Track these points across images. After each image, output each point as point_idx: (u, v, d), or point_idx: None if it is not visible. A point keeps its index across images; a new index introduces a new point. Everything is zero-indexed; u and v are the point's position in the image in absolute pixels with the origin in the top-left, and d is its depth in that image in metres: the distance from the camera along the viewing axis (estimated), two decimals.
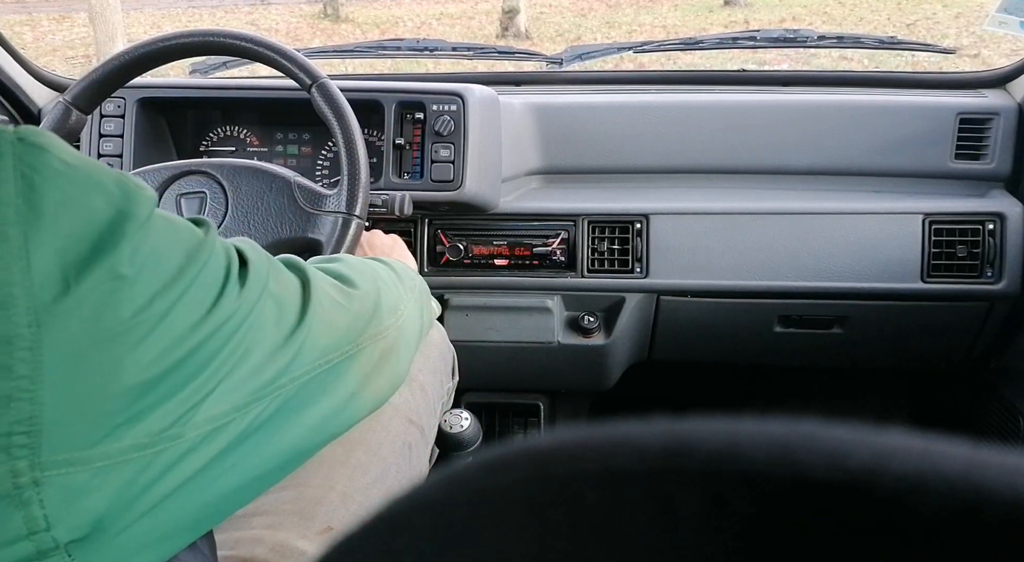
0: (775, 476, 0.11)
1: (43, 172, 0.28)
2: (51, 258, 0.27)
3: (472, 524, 0.14)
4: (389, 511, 0.16)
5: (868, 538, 0.11)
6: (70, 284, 0.28)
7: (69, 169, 0.29)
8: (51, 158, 0.29)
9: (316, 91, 0.77)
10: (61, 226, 0.28)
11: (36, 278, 0.27)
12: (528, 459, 0.13)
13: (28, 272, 0.26)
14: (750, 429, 0.12)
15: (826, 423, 0.12)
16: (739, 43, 1.17)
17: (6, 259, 0.26)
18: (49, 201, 0.28)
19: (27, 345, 0.26)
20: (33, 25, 5.54)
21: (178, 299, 0.32)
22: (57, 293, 0.27)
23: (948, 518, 0.10)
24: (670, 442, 0.12)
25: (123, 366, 0.29)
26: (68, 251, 0.28)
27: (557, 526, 0.13)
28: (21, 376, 0.26)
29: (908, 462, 0.10)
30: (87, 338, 0.28)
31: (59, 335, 0.27)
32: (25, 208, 0.27)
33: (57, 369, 0.27)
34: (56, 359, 0.27)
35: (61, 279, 0.27)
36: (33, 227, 0.27)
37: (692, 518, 0.12)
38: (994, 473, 0.10)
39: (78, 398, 0.27)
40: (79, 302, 0.28)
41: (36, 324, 0.26)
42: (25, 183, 0.27)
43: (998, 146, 1.00)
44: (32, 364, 0.26)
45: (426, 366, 0.78)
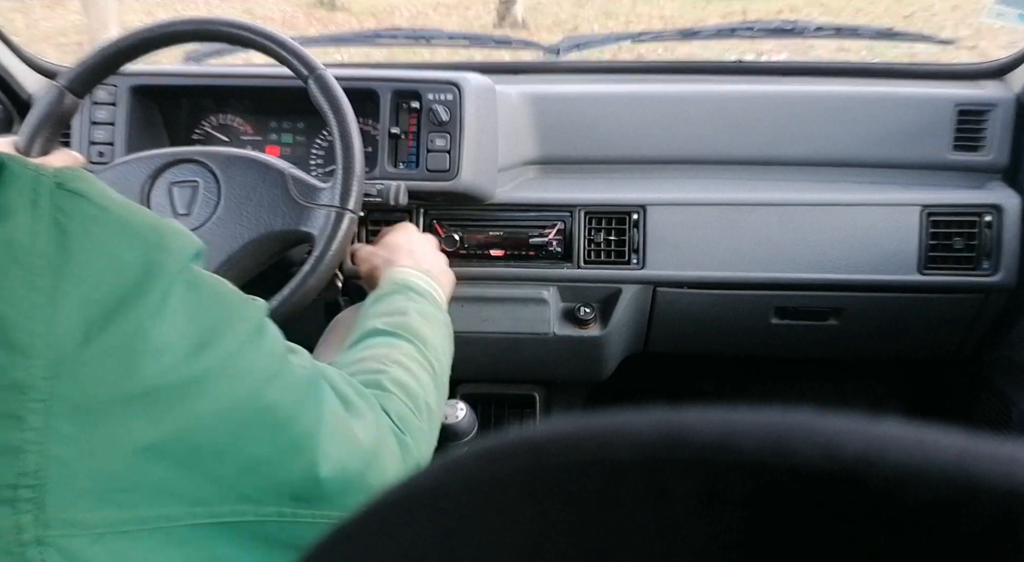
0: (770, 465, 0.11)
1: (78, 219, 0.28)
2: (77, 309, 0.27)
3: (469, 513, 0.14)
4: (386, 500, 0.16)
5: (862, 527, 0.11)
6: (92, 337, 0.27)
7: (104, 215, 0.29)
8: (88, 205, 0.28)
9: (313, 82, 0.76)
10: (90, 276, 0.27)
11: (59, 329, 0.26)
12: (524, 449, 0.13)
13: (52, 322, 0.26)
14: (745, 419, 0.12)
15: (821, 413, 0.12)
16: (737, 33, 1.16)
17: (32, 309, 0.26)
18: (80, 250, 0.27)
19: (41, 397, 0.26)
20: (25, 11, 5.48)
21: (207, 369, 0.30)
22: (78, 345, 0.26)
23: (942, 507, 0.10)
24: (666, 432, 0.12)
25: (136, 430, 0.28)
26: (94, 303, 0.27)
27: (553, 515, 0.13)
28: (32, 428, 0.26)
29: (902, 451, 0.11)
30: (103, 395, 0.27)
31: (75, 389, 0.26)
32: (56, 257, 0.27)
33: (69, 423, 0.26)
34: (69, 413, 0.26)
35: (84, 331, 0.27)
36: (62, 276, 0.26)
37: (687, 507, 0.12)
38: (987, 462, 0.10)
39: (87, 456, 0.27)
40: (99, 356, 0.27)
41: (53, 376, 0.26)
42: (59, 231, 0.27)
43: (996, 138, 1.00)
44: (44, 416, 0.26)
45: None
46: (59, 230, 0.27)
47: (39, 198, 0.27)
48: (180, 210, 0.77)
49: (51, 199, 0.27)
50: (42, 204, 0.27)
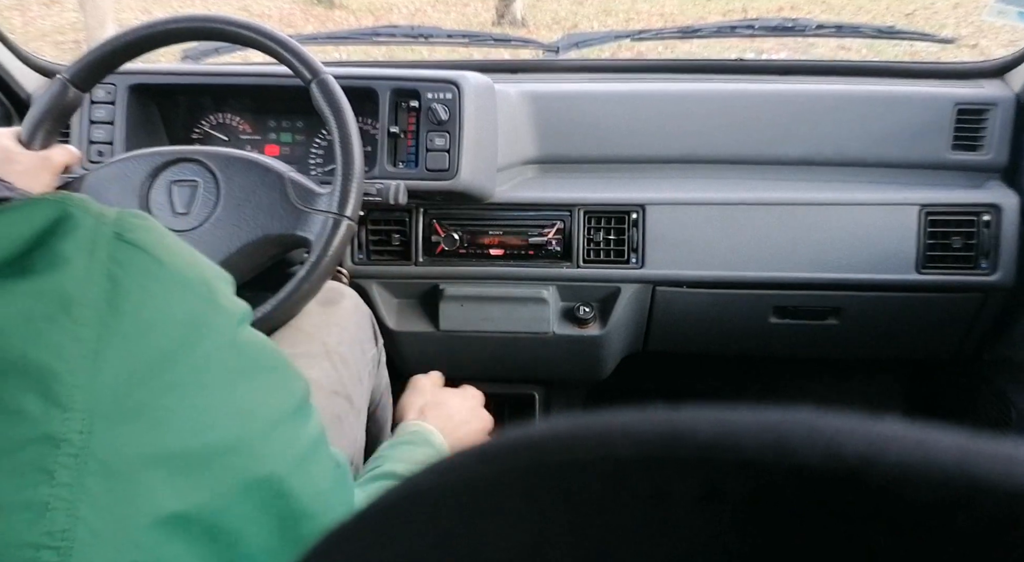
0: (770, 465, 0.11)
1: (132, 273, 0.27)
2: (120, 364, 0.26)
3: (468, 513, 0.14)
4: (385, 501, 0.16)
5: (862, 526, 0.11)
6: (132, 393, 0.26)
7: (159, 269, 0.28)
8: (144, 258, 0.28)
9: (316, 86, 0.76)
10: (137, 331, 0.27)
11: (100, 383, 0.25)
12: (523, 448, 0.13)
13: (93, 376, 0.25)
14: (745, 418, 0.12)
15: (821, 412, 0.12)
16: (737, 31, 1.16)
17: (74, 360, 0.25)
18: (131, 304, 0.27)
19: (74, 451, 0.25)
20: (22, 9, 5.47)
21: (239, 439, 0.29)
22: (116, 400, 0.26)
23: (942, 507, 0.10)
24: (665, 430, 0.12)
25: (161, 495, 0.27)
26: (139, 358, 0.26)
27: (552, 514, 0.13)
28: (63, 483, 0.24)
29: (902, 451, 0.11)
30: (134, 454, 0.26)
31: (108, 446, 0.25)
32: (106, 311, 0.26)
33: (99, 483, 0.25)
34: (99, 471, 0.25)
35: (125, 386, 0.26)
36: (109, 330, 0.26)
37: (687, 506, 0.12)
38: (988, 462, 0.10)
39: (113, 521, 0.25)
40: (136, 413, 0.26)
41: (88, 431, 0.25)
42: (111, 283, 0.26)
43: (995, 137, 1.00)
44: (76, 472, 0.24)
45: (343, 336, 0.77)
46: (112, 282, 0.27)
47: (96, 249, 0.27)
48: (179, 209, 0.77)
49: (108, 250, 0.27)
50: (99, 255, 0.27)
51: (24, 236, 0.25)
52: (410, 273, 1.01)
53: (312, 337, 0.76)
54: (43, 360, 0.24)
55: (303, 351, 0.73)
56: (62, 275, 0.25)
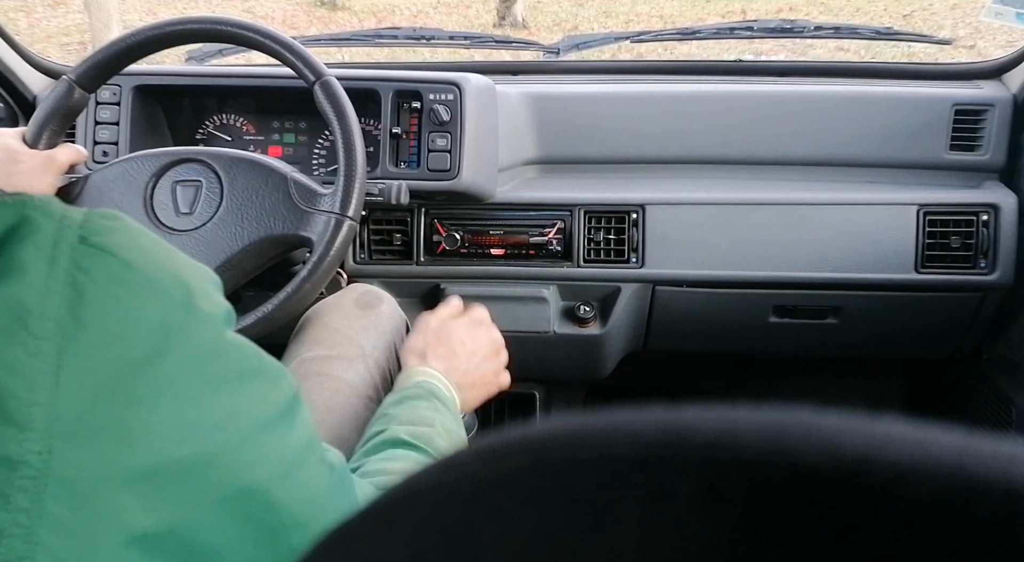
0: (769, 463, 0.11)
1: (97, 279, 0.25)
2: (83, 378, 0.24)
3: (469, 511, 0.14)
4: (386, 499, 0.16)
5: (862, 525, 0.11)
6: (96, 408, 0.24)
7: (128, 274, 0.26)
8: (111, 261, 0.26)
9: (319, 88, 0.76)
10: (102, 342, 0.25)
11: (61, 400, 0.24)
12: (524, 447, 0.14)
13: (54, 393, 0.24)
14: (745, 417, 0.12)
15: (820, 411, 0.12)
16: (736, 33, 1.16)
17: (34, 377, 0.23)
18: (95, 313, 0.25)
19: (33, 473, 0.23)
20: (28, 11, 5.46)
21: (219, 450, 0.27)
22: (78, 418, 0.24)
23: (941, 506, 0.10)
24: (665, 430, 0.12)
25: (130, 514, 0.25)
26: (104, 372, 0.25)
27: (553, 513, 0.13)
28: (20, 508, 0.23)
29: (901, 450, 0.11)
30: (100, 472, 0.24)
31: (70, 466, 0.24)
32: (68, 321, 0.24)
33: (61, 505, 0.23)
34: (61, 493, 0.23)
35: (89, 402, 0.24)
36: (71, 342, 0.24)
37: (687, 505, 0.12)
38: (986, 461, 0.10)
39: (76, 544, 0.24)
40: (102, 429, 0.24)
41: (48, 451, 0.23)
42: (74, 292, 0.24)
43: (993, 137, 1.01)
44: (34, 496, 0.23)
45: (379, 341, 0.77)
46: (75, 291, 0.25)
47: (58, 254, 0.25)
48: (183, 209, 0.77)
49: (71, 255, 0.25)
50: (60, 262, 0.25)
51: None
52: (411, 273, 1.02)
53: (350, 340, 0.75)
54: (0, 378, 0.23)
55: (339, 353, 0.73)
56: (18, 285, 0.24)
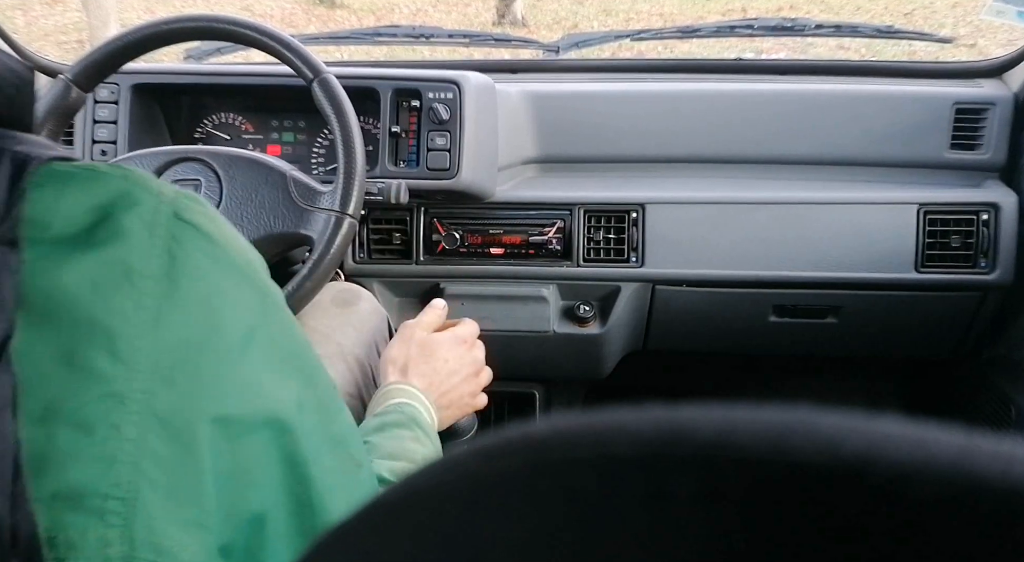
0: (769, 463, 0.11)
1: (189, 250, 0.29)
2: (177, 331, 0.28)
3: (468, 511, 0.14)
4: (385, 499, 0.16)
5: (862, 525, 0.11)
6: (188, 358, 0.28)
7: (215, 249, 0.30)
8: (201, 238, 0.30)
9: (317, 86, 0.76)
10: (192, 304, 0.29)
11: (160, 347, 0.27)
12: (523, 446, 0.14)
13: (155, 340, 0.27)
14: (745, 416, 0.12)
15: (821, 411, 0.12)
16: (736, 31, 1.16)
17: (139, 325, 0.27)
18: (188, 279, 0.29)
19: (139, 409, 0.26)
20: (25, 9, 5.46)
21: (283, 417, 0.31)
22: (174, 365, 0.27)
23: (942, 505, 0.10)
24: (665, 429, 0.12)
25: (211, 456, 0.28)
26: (193, 329, 0.28)
27: (553, 513, 0.13)
28: (128, 438, 0.26)
29: (902, 449, 0.11)
30: (192, 417, 0.28)
31: (167, 406, 0.27)
32: (165, 282, 0.28)
33: (159, 441, 0.27)
34: (160, 430, 0.27)
35: (182, 352, 0.28)
36: (168, 300, 0.28)
37: (687, 504, 0.12)
38: (987, 461, 0.10)
39: (172, 478, 0.27)
40: (192, 378, 0.28)
41: (150, 391, 0.27)
42: (170, 258, 0.28)
43: (993, 136, 1.01)
44: (140, 429, 0.26)
45: (359, 339, 0.77)
46: (170, 258, 0.28)
47: (156, 225, 0.28)
48: None
49: (167, 227, 0.29)
50: (158, 232, 0.28)
51: (90, 210, 0.27)
52: (411, 272, 1.02)
53: (328, 338, 0.75)
54: (110, 323, 0.26)
55: (318, 352, 0.73)
56: (125, 247, 0.27)
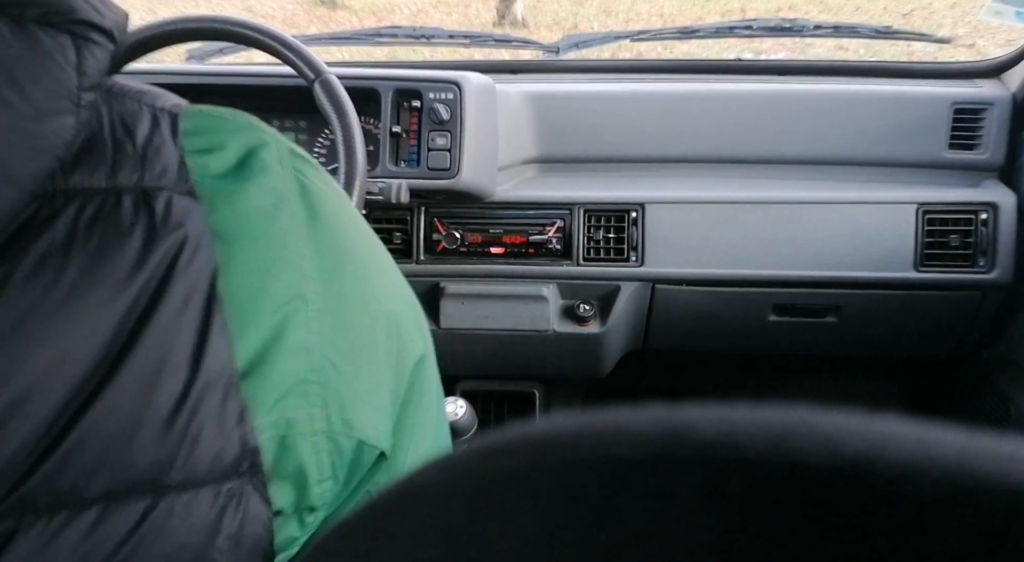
0: (770, 463, 0.11)
1: (311, 178, 0.33)
2: (323, 242, 0.31)
3: (468, 511, 0.14)
4: (385, 497, 0.16)
5: (863, 524, 0.11)
6: (339, 263, 0.32)
7: (324, 177, 0.34)
8: (312, 168, 0.34)
9: (319, 86, 0.76)
10: (327, 221, 0.32)
11: (318, 254, 0.31)
12: (523, 445, 0.14)
13: (314, 249, 0.31)
14: (745, 416, 0.12)
15: (821, 410, 0.12)
16: (736, 32, 1.16)
17: (301, 239, 0.30)
18: (320, 202, 0.32)
19: (317, 306, 0.30)
20: None
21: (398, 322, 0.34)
22: (330, 269, 0.31)
23: (942, 504, 0.10)
24: (665, 429, 0.12)
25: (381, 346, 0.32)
26: (335, 239, 0.32)
27: (553, 512, 0.13)
28: (315, 332, 0.29)
29: (902, 449, 0.11)
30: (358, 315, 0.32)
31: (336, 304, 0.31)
32: (304, 207, 0.31)
33: (335, 333, 0.30)
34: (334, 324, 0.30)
35: (333, 258, 0.31)
36: (312, 222, 0.31)
37: (687, 504, 0.12)
38: (988, 460, 0.10)
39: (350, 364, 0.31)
40: (347, 278, 0.32)
41: (322, 292, 0.30)
42: (301, 187, 0.32)
43: (992, 136, 1.01)
44: (318, 323, 0.29)
45: None
46: (300, 184, 0.32)
47: (283, 159, 0.32)
48: None
49: (291, 160, 0.33)
50: (286, 164, 0.32)
51: (236, 151, 0.31)
52: (411, 271, 1.02)
53: None
54: (283, 238, 0.30)
55: None
56: (272, 177, 0.31)
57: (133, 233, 0.27)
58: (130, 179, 0.28)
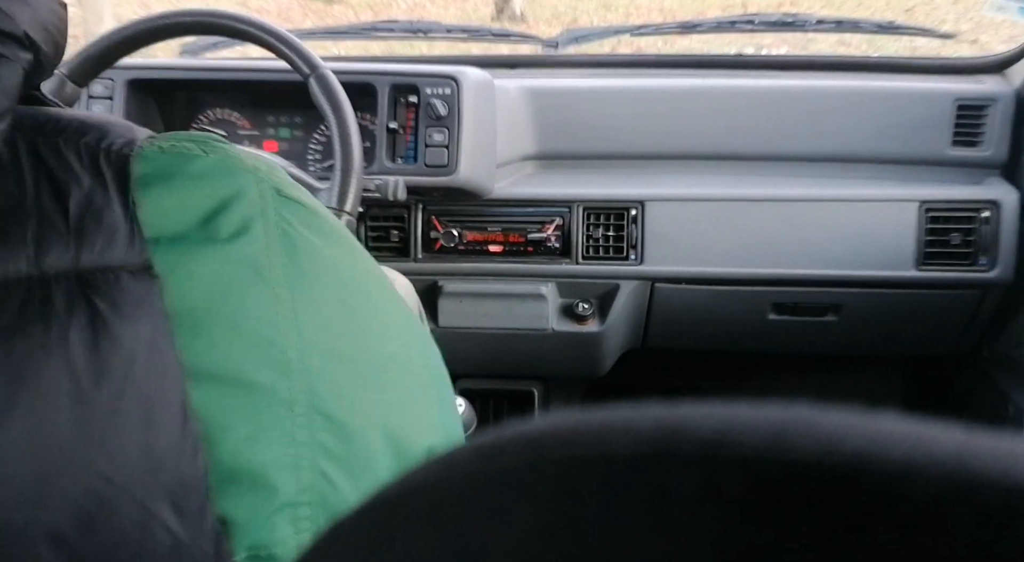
0: (769, 461, 0.11)
1: (298, 228, 0.27)
2: (315, 319, 0.26)
3: (466, 509, 0.14)
4: (382, 496, 0.16)
5: (862, 522, 0.11)
6: (334, 344, 0.26)
7: (316, 220, 0.28)
8: (303, 210, 0.28)
9: (314, 81, 0.76)
10: (321, 284, 0.27)
11: (307, 341, 0.26)
12: (521, 444, 0.13)
13: (299, 336, 0.25)
14: (744, 414, 0.12)
15: (820, 408, 0.12)
16: (737, 27, 1.16)
17: (283, 324, 0.25)
18: (307, 258, 0.27)
19: (304, 411, 0.25)
20: None
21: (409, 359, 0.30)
22: (324, 355, 0.26)
23: (941, 502, 0.10)
24: (664, 427, 0.12)
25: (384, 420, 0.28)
26: (329, 311, 0.27)
27: (551, 511, 0.13)
28: (302, 443, 0.25)
29: (902, 447, 0.11)
30: (355, 406, 0.27)
31: (330, 401, 0.26)
32: (290, 267, 0.26)
33: (329, 437, 0.26)
34: (326, 428, 0.26)
35: (325, 339, 0.26)
36: (299, 288, 0.26)
37: (686, 503, 0.12)
38: (987, 458, 0.10)
39: (354, 475, 0.26)
40: (344, 362, 0.26)
41: (310, 391, 0.25)
42: (287, 241, 0.26)
43: (995, 133, 1.00)
44: (309, 430, 0.25)
45: None
46: (287, 240, 0.26)
47: (267, 208, 0.26)
48: None
49: (275, 207, 0.27)
50: (269, 215, 0.26)
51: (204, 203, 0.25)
52: (409, 269, 1.01)
53: None
54: (257, 329, 0.25)
55: None
56: (247, 242, 0.25)
57: (68, 339, 0.21)
58: (61, 261, 0.22)
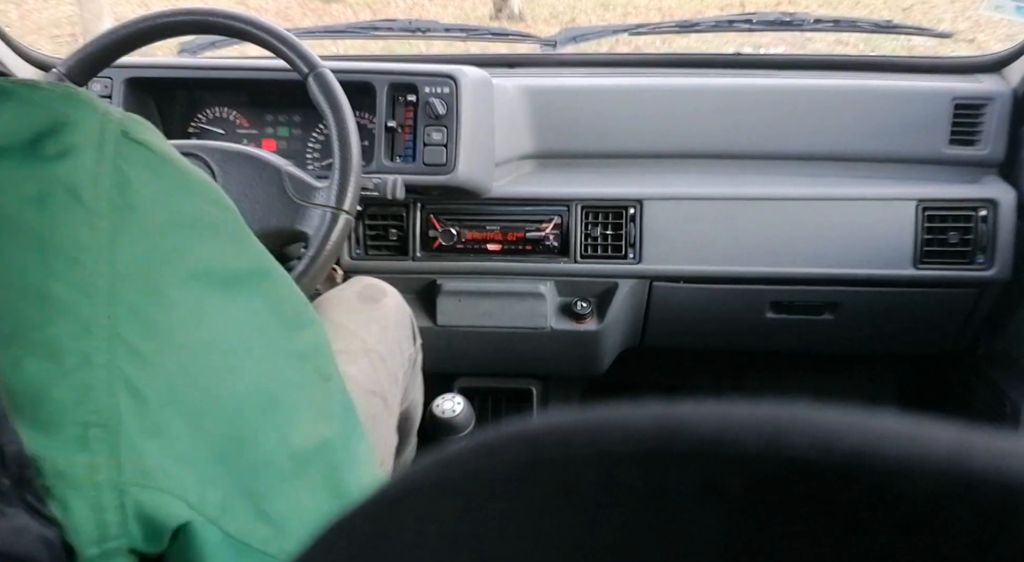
0: (767, 459, 0.11)
1: (139, 169, 0.28)
2: (135, 255, 0.27)
3: (465, 507, 0.14)
4: (381, 495, 0.16)
5: (859, 520, 0.11)
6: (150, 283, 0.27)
7: (166, 168, 0.29)
8: (151, 156, 0.29)
9: (313, 80, 0.76)
10: (149, 226, 0.28)
11: (119, 272, 0.26)
12: (520, 442, 0.13)
13: (113, 265, 0.26)
14: (742, 412, 0.12)
15: (818, 406, 0.12)
16: (735, 26, 1.16)
17: (94, 250, 0.26)
18: (143, 199, 0.28)
19: (105, 335, 0.26)
20: (18, 3, 5.43)
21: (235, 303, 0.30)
22: (136, 289, 0.27)
23: (937, 500, 0.10)
24: (662, 425, 0.12)
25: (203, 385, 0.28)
26: (153, 252, 0.28)
27: (550, 509, 0.13)
28: (99, 365, 0.26)
29: (898, 444, 0.11)
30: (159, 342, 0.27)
31: (133, 332, 0.26)
32: (119, 202, 0.27)
33: (130, 366, 0.26)
34: (129, 356, 0.26)
35: (142, 277, 0.27)
36: (123, 221, 0.27)
37: (684, 500, 0.12)
38: (983, 455, 0.10)
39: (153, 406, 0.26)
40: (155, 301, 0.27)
41: (115, 317, 0.26)
42: (122, 178, 0.27)
43: (992, 132, 1.00)
44: (109, 355, 0.26)
45: (383, 335, 0.77)
46: (122, 177, 0.27)
47: (104, 143, 0.27)
48: None
49: (115, 146, 0.28)
50: (106, 150, 0.27)
51: (30, 125, 0.26)
52: (407, 268, 1.01)
53: (352, 334, 0.75)
54: (65, 246, 0.25)
55: (342, 347, 0.72)
56: (72, 165, 0.26)
57: None
58: None
